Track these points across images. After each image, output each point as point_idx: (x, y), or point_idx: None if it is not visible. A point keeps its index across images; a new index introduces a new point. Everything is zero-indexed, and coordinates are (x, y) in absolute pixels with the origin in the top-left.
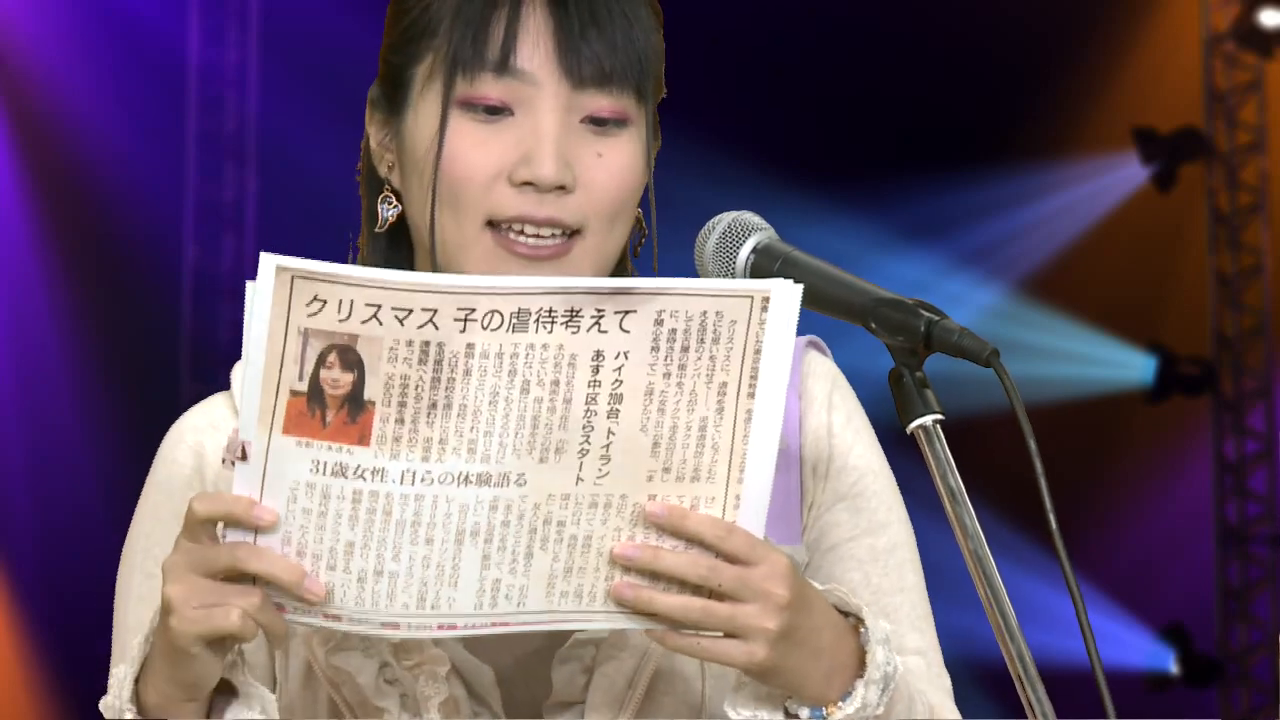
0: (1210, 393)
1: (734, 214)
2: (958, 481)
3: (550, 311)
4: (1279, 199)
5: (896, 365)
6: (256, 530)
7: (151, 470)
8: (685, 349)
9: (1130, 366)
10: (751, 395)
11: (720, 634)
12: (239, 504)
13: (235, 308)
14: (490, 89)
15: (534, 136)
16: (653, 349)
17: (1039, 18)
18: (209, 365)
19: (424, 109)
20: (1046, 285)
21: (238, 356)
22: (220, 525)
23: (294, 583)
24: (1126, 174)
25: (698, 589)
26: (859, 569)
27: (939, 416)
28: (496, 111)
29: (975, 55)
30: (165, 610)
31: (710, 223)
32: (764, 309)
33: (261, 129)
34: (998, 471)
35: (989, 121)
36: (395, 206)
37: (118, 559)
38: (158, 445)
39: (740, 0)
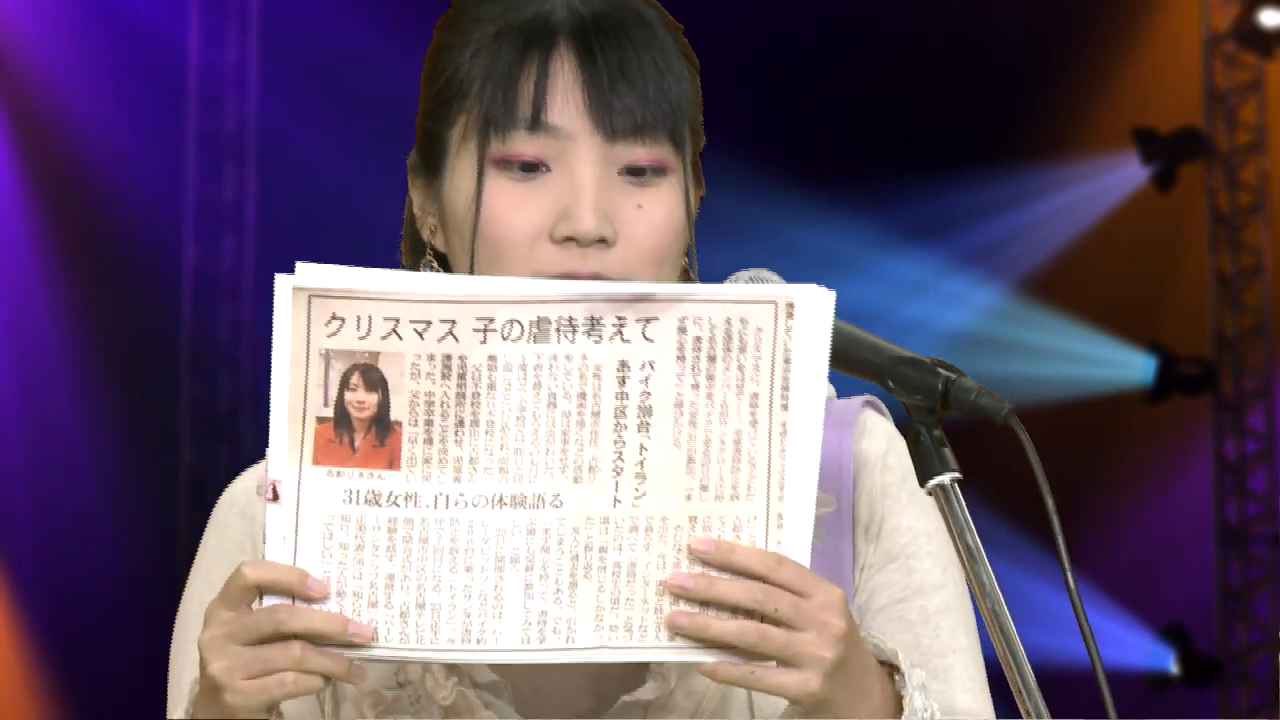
0: (1210, 393)
1: (752, 271)
2: (976, 540)
3: (570, 320)
4: (1279, 199)
5: (913, 423)
6: (309, 601)
7: (204, 535)
8: (712, 358)
9: (1130, 366)
10: (785, 407)
11: (773, 664)
12: (292, 575)
13: (235, 308)
14: (524, 146)
15: (571, 191)
16: (679, 358)
17: (1039, 18)
18: (209, 365)
19: (461, 170)
20: (1046, 285)
21: (237, 356)
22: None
23: (338, 633)
24: (1126, 174)
25: (749, 616)
26: (909, 630)
27: (956, 475)
28: (532, 169)
29: (975, 55)
30: (215, 688)
31: (729, 279)
32: (790, 315)
33: (261, 129)
34: (997, 472)
35: (989, 121)
36: (438, 271)
37: (117, 559)
38: (158, 445)
39: (740, 0)
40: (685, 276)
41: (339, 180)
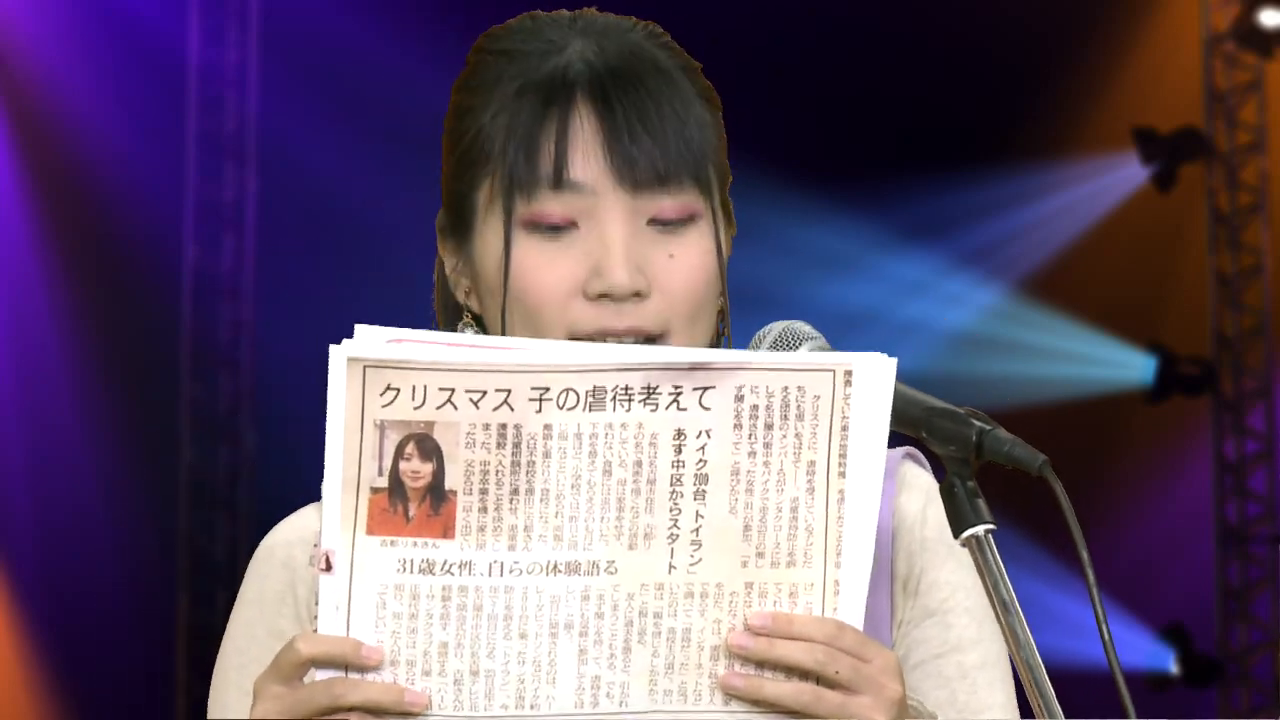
0: (1210, 393)
1: (785, 323)
2: (1010, 593)
3: (627, 389)
4: (1279, 199)
5: (948, 475)
6: (363, 670)
7: (244, 583)
8: (769, 426)
9: (1130, 366)
10: (843, 475)
11: None
12: (345, 645)
13: (235, 308)
14: (550, 206)
15: (602, 247)
16: (735, 426)
17: (1039, 18)
18: (209, 365)
19: (490, 233)
20: (1046, 285)
21: (237, 356)
22: None
23: (395, 703)
24: (1126, 174)
25: (804, 678)
26: (946, 687)
27: (991, 526)
28: (560, 228)
29: (975, 55)
30: None
31: (761, 331)
32: (848, 384)
33: (261, 129)
34: (998, 470)
35: (989, 121)
36: (476, 333)
37: (117, 559)
38: (158, 445)
39: (740, 0)
40: (722, 321)
41: (339, 180)
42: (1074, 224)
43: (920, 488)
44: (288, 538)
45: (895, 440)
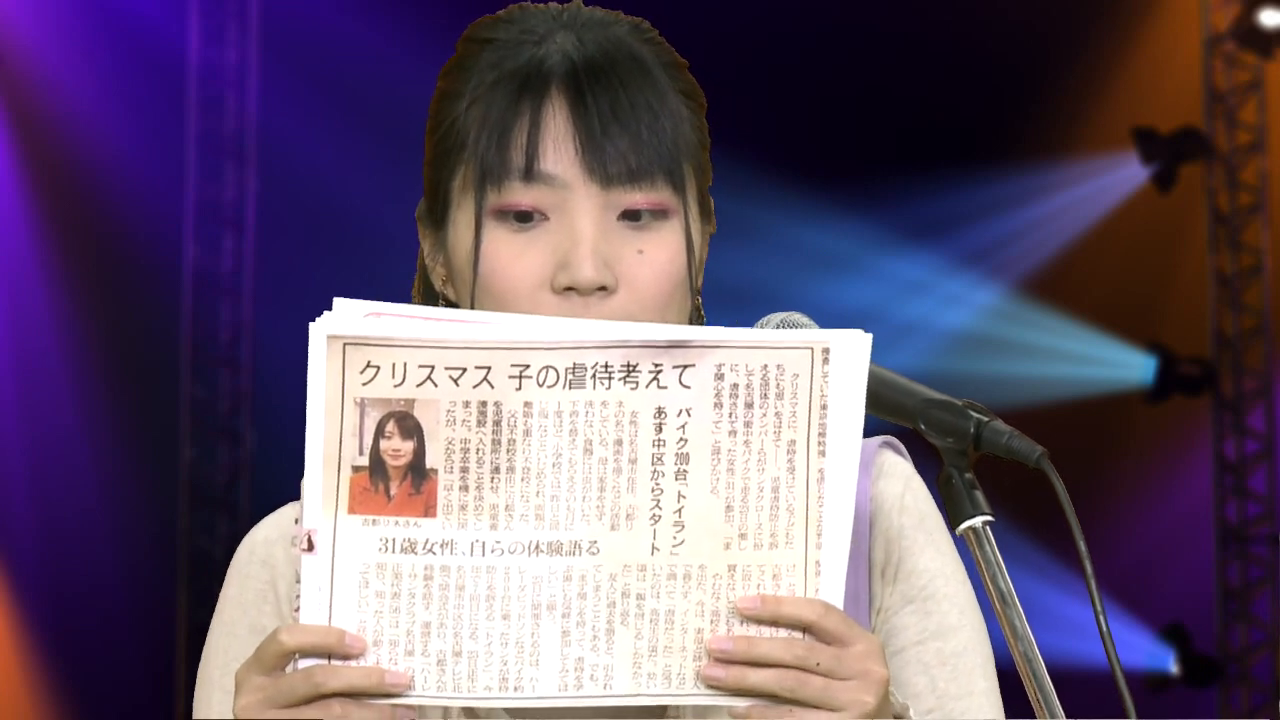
0: (1210, 393)
1: (784, 314)
2: (1008, 584)
3: (607, 367)
4: (1279, 199)
5: (945, 467)
6: (347, 658)
7: (225, 582)
8: (749, 405)
9: (1130, 366)
10: (822, 453)
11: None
12: (329, 636)
13: (235, 307)
14: (520, 196)
15: (570, 240)
16: (715, 405)
17: (1039, 18)
18: (209, 365)
19: (462, 222)
20: (1046, 285)
21: (237, 356)
22: None
23: (375, 685)
24: (1126, 174)
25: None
26: (925, 673)
27: (989, 518)
28: (529, 218)
29: (975, 55)
30: None
31: (760, 321)
32: (825, 361)
33: (261, 129)
34: (999, 470)
35: (989, 121)
36: None
37: (117, 559)
38: (158, 445)
39: (740, 0)
40: (696, 318)
41: (339, 180)
42: (1074, 224)
43: (898, 475)
44: (267, 536)
45: (876, 430)
